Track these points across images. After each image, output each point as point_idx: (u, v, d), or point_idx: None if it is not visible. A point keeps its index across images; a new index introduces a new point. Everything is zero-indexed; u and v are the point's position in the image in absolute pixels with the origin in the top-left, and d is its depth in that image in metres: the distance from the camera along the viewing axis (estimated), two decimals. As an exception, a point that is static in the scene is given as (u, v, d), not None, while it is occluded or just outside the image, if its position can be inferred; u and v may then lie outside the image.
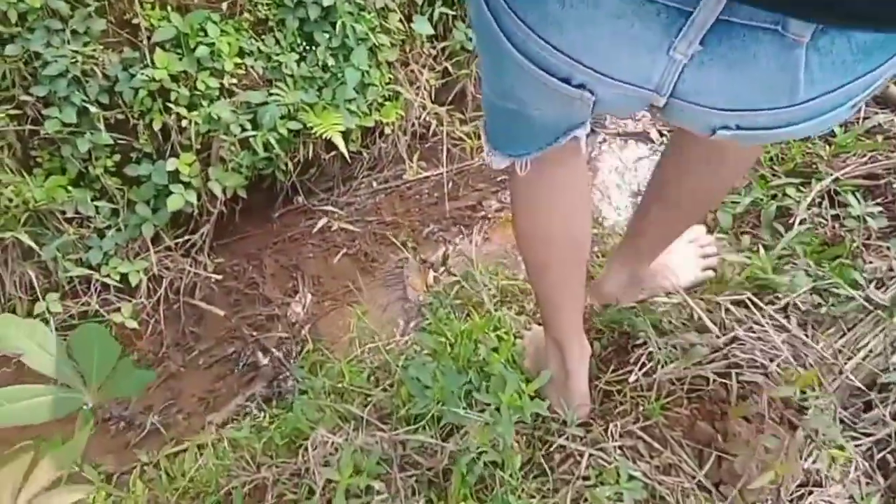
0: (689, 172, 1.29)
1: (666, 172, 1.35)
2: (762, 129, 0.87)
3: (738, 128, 0.87)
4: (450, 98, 2.96)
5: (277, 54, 2.41)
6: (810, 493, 1.22)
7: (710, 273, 1.59)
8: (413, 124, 2.79)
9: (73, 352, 1.23)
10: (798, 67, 0.76)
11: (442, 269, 2.45)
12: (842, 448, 1.25)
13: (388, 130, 2.71)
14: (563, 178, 1.19)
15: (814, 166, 1.85)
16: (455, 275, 2.28)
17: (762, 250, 1.58)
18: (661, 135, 2.80)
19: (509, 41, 0.85)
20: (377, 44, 2.55)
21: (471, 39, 2.86)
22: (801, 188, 1.79)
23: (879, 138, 1.95)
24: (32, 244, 2.15)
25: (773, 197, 1.79)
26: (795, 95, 0.79)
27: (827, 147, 1.93)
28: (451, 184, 2.78)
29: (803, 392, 1.28)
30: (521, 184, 1.20)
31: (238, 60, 2.32)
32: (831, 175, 1.76)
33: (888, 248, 1.54)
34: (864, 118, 2.05)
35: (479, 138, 2.77)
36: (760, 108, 0.83)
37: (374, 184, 2.82)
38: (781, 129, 0.86)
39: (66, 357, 1.22)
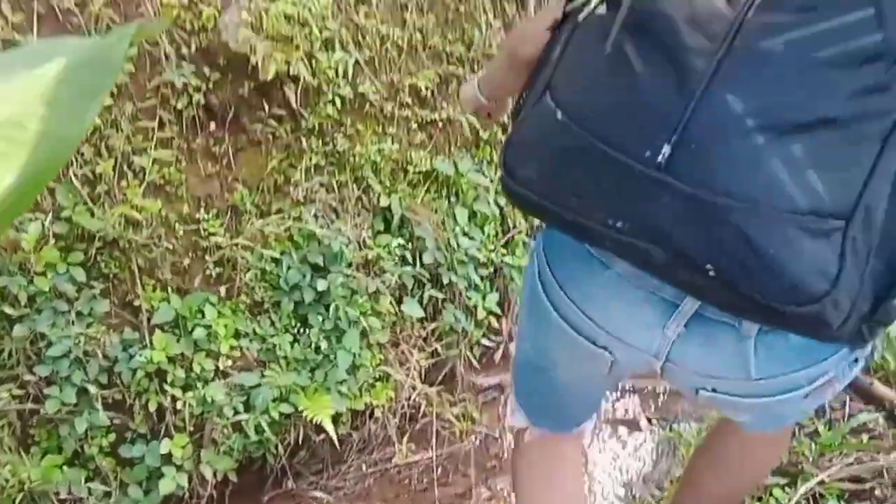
0: (723, 464, 1.69)
1: (702, 462, 1.75)
2: (730, 394, 1.24)
3: (714, 391, 1.25)
4: (440, 378, 3.27)
5: (272, 336, 2.74)
6: None
7: None
8: (403, 405, 3.06)
9: None
10: (748, 353, 1.15)
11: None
12: None
13: (377, 412, 2.98)
14: (562, 463, 1.60)
15: (800, 466, 2.08)
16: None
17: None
18: (650, 422, 3.08)
19: (555, 310, 1.27)
20: (368, 326, 2.90)
21: (458, 321, 3.23)
22: (787, 488, 2.00)
23: (865, 437, 2.19)
24: (25, 527, 2.28)
25: (759, 499, 2.00)
26: (748, 373, 1.17)
27: (813, 445, 2.17)
28: (440, 469, 2.99)
29: None
30: (524, 462, 1.63)
31: (234, 342, 2.64)
32: (816, 476, 1.98)
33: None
34: (850, 415, 2.33)
35: (469, 420, 3.04)
36: (725, 378, 1.21)
37: (364, 466, 3.02)
38: (746, 398, 1.24)
39: None
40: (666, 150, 0.94)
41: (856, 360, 1.23)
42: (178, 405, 2.50)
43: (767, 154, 0.90)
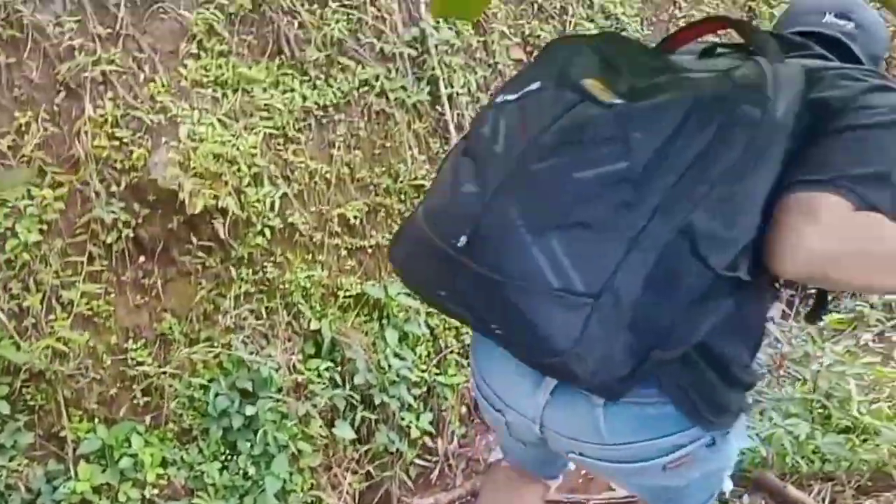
0: None
1: None
2: (596, 459, 1.50)
3: (581, 454, 1.51)
4: (374, 501, 3.28)
5: (200, 463, 2.76)
6: None
7: None
8: (335, 529, 3.07)
9: None
10: (599, 419, 1.40)
11: None
12: None
13: (308, 537, 2.98)
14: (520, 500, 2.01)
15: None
16: None
17: None
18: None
19: (478, 388, 1.65)
20: (298, 450, 2.93)
21: (392, 442, 3.27)
22: None
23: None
24: None
25: None
26: (602, 438, 1.42)
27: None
28: None
29: None
30: (490, 483, 2.23)
31: (161, 471, 2.65)
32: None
33: None
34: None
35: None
36: (586, 441, 1.46)
37: None
38: (609, 463, 1.50)
39: None
40: (463, 239, 1.25)
41: (713, 442, 1.42)
42: (102, 537, 2.50)
43: (531, 246, 1.19)
